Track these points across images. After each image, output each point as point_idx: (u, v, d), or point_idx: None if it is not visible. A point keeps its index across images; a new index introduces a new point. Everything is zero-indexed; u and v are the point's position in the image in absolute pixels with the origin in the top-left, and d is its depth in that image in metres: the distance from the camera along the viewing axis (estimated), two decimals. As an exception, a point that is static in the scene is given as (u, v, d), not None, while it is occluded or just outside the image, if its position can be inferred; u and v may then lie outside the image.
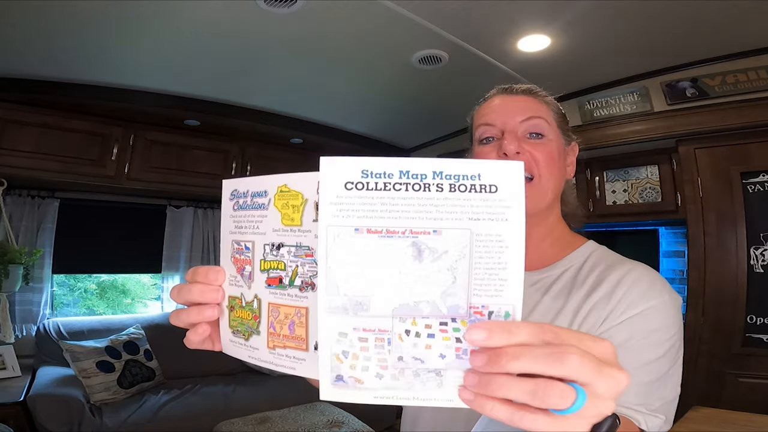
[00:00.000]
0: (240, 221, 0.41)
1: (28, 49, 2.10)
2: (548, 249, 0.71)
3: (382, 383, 0.33)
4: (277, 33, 1.98)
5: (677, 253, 2.72)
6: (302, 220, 0.37)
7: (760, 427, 1.36)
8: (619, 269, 0.63)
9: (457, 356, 0.32)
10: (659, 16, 1.81)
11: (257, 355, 0.40)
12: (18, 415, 2.07)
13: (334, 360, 0.33)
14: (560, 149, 0.70)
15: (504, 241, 0.31)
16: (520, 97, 0.71)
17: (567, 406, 0.28)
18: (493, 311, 0.31)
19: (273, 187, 0.39)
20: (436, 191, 0.31)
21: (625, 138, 2.47)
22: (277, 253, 0.38)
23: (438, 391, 0.32)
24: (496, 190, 0.31)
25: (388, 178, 0.32)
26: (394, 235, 0.32)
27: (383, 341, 0.32)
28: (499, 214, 0.31)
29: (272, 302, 0.39)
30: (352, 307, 0.33)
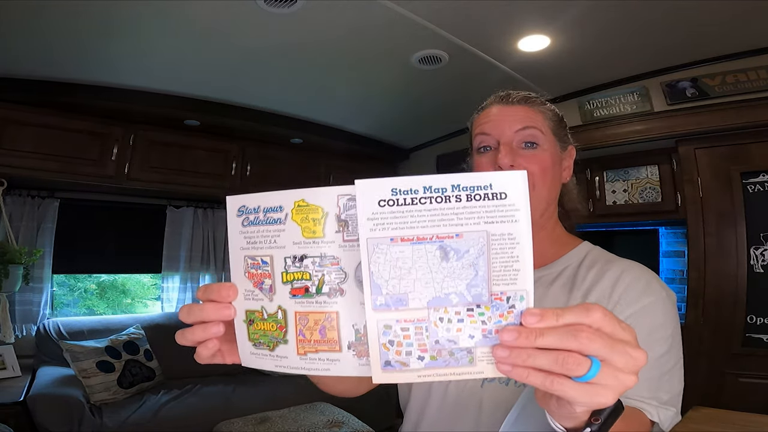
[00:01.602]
0: (252, 237, 0.43)
1: (28, 49, 2.10)
2: (548, 249, 0.74)
3: (423, 364, 0.39)
4: (277, 33, 1.98)
5: (677, 253, 2.72)
6: (324, 232, 0.40)
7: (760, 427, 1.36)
8: (616, 267, 0.67)
9: (483, 336, 0.38)
10: (659, 16, 1.81)
11: (286, 363, 0.43)
12: (18, 415, 2.07)
13: (381, 349, 0.39)
14: (555, 157, 0.72)
15: (515, 238, 0.37)
16: (516, 107, 0.72)
17: (583, 373, 0.34)
18: (510, 296, 0.37)
19: (289, 202, 0.41)
20: (455, 201, 0.37)
21: (625, 138, 2.47)
22: (300, 265, 0.41)
23: (470, 366, 0.38)
24: (506, 196, 0.37)
25: (414, 194, 0.38)
26: (423, 241, 0.38)
27: (421, 329, 0.38)
28: (510, 216, 0.37)
29: (299, 311, 0.42)
30: (393, 303, 0.38)
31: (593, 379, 0.34)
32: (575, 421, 0.40)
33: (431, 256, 0.38)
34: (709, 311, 2.18)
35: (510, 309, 0.37)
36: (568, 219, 0.81)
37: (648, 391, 0.57)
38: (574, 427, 0.41)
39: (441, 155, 3.48)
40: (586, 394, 0.35)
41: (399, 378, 0.39)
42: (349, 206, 0.40)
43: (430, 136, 3.53)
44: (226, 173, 3.12)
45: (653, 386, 0.58)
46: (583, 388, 0.34)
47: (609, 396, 0.35)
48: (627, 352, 0.35)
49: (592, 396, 0.35)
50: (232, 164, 3.13)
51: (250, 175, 3.19)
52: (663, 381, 0.59)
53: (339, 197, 0.40)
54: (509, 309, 0.37)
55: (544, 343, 0.35)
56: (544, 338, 0.35)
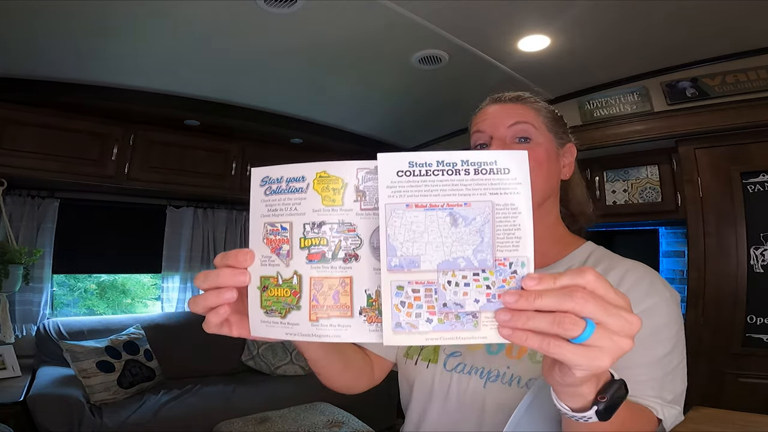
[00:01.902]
0: (273, 205, 0.46)
1: (28, 49, 2.10)
2: (550, 248, 0.74)
3: (431, 326, 0.41)
4: (277, 33, 1.98)
5: (677, 253, 2.72)
6: (343, 201, 0.43)
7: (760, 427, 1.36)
8: (620, 268, 0.67)
9: (487, 300, 0.40)
10: (659, 16, 1.81)
11: (296, 330, 0.45)
12: (18, 415, 2.08)
13: (394, 310, 0.41)
14: (550, 153, 0.73)
15: (517, 208, 0.40)
16: (509, 105, 0.75)
17: (578, 333, 0.35)
18: (512, 262, 0.40)
19: (311, 173, 0.44)
20: (464, 174, 0.41)
21: (625, 138, 2.47)
22: (319, 231, 0.44)
23: (474, 330, 0.40)
24: (509, 171, 0.41)
25: (429, 166, 0.42)
26: (435, 208, 0.41)
27: (431, 291, 0.41)
28: (513, 189, 0.41)
29: (314, 276, 0.44)
30: (406, 264, 0.41)
31: (588, 341, 0.35)
32: (582, 400, 0.42)
33: (442, 222, 0.41)
34: (709, 311, 2.18)
35: (512, 274, 0.40)
36: (576, 222, 0.81)
37: (652, 390, 0.58)
38: (582, 407, 0.42)
39: (441, 155, 3.48)
40: (583, 357, 0.36)
41: (408, 340, 0.41)
42: (367, 179, 0.43)
43: (430, 136, 3.53)
44: (226, 173, 3.12)
45: (657, 386, 0.59)
46: (580, 350, 0.36)
47: (605, 359, 0.36)
48: (621, 315, 0.36)
49: (590, 359, 0.36)
50: (232, 164, 3.14)
51: (249, 175, 3.18)
52: (667, 381, 0.60)
53: (358, 170, 0.43)
54: (512, 274, 0.40)
55: (542, 304, 0.36)
56: (543, 299, 0.36)
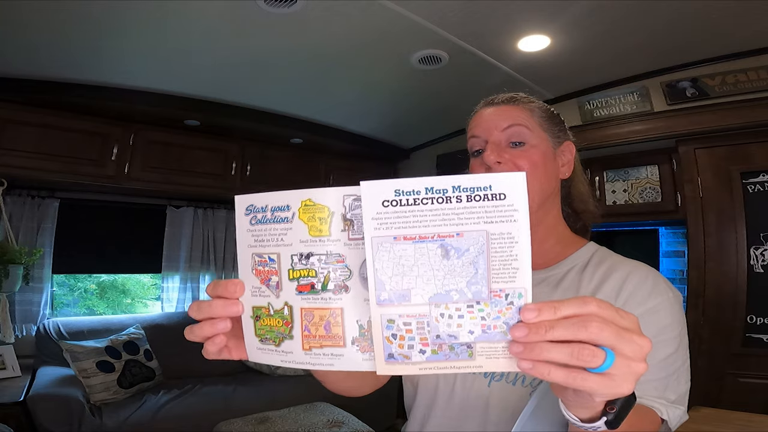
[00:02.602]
0: (260, 235, 0.44)
1: (28, 50, 2.10)
2: (552, 249, 0.74)
3: (425, 357, 0.40)
4: (277, 33, 1.98)
5: (677, 253, 2.72)
6: (330, 231, 0.42)
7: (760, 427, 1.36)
8: (623, 268, 0.67)
9: (482, 331, 0.39)
10: (659, 16, 1.81)
11: (291, 358, 0.44)
12: (18, 415, 2.07)
13: (385, 342, 0.40)
14: (546, 153, 0.72)
15: (514, 237, 0.38)
16: (502, 107, 0.74)
17: (599, 364, 0.34)
18: (509, 293, 0.38)
19: (296, 202, 0.42)
20: (456, 202, 0.38)
21: (625, 138, 2.47)
22: (307, 262, 0.43)
23: (469, 360, 0.39)
24: (505, 197, 0.38)
25: (417, 195, 0.39)
26: (425, 239, 0.39)
27: (423, 324, 0.40)
28: (508, 216, 0.38)
29: (305, 307, 0.43)
30: (396, 298, 0.40)
31: (609, 370, 0.35)
32: (591, 412, 0.41)
33: (433, 254, 0.39)
34: (709, 311, 2.18)
35: (509, 305, 0.38)
36: (579, 219, 0.81)
37: (656, 390, 0.58)
38: (590, 418, 0.42)
39: (441, 155, 3.48)
40: (606, 386, 0.35)
41: (401, 370, 0.41)
42: (355, 206, 0.41)
43: (430, 136, 3.53)
44: (226, 173, 3.12)
45: (661, 386, 0.59)
46: (602, 379, 0.35)
47: (626, 385, 0.36)
48: (633, 340, 0.36)
49: (612, 387, 0.35)
50: (232, 164, 3.13)
51: (250, 175, 3.19)
52: (671, 381, 0.60)
53: (345, 197, 0.41)
54: (508, 305, 0.38)
55: (555, 335, 0.35)
56: (555, 330, 0.35)
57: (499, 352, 0.39)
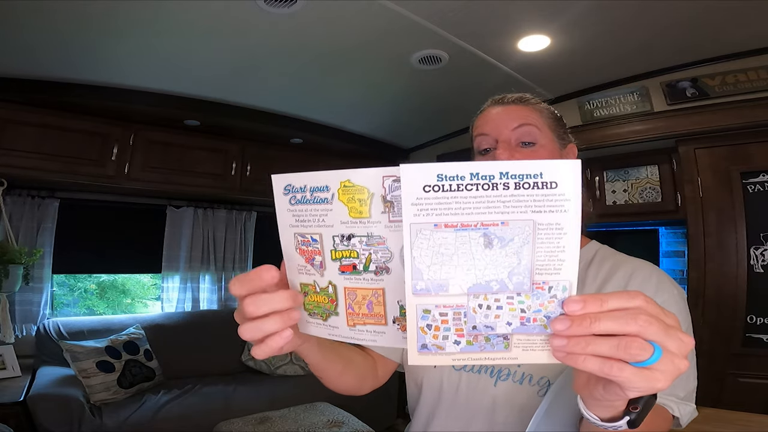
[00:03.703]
0: (300, 215, 0.44)
1: (28, 49, 2.10)
2: None
3: (459, 348, 0.39)
4: (277, 33, 1.98)
5: (677, 253, 2.72)
6: (371, 212, 0.41)
7: (760, 427, 1.36)
8: (626, 265, 0.67)
9: (521, 323, 0.38)
10: (659, 16, 1.81)
11: (337, 332, 0.46)
12: (18, 415, 2.07)
13: (419, 332, 0.40)
14: (554, 154, 0.73)
15: (563, 228, 0.36)
16: (511, 106, 0.74)
17: (646, 358, 0.34)
18: (552, 286, 0.37)
19: (335, 182, 0.41)
20: (503, 189, 0.36)
21: (625, 138, 2.47)
22: (348, 243, 0.42)
23: (505, 352, 0.39)
24: (557, 186, 0.35)
25: (461, 180, 0.36)
26: (467, 228, 0.37)
27: (460, 314, 0.39)
28: (559, 206, 0.36)
29: (348, 286, 0.44)
30: (434, 288, 0.38)
31: (654, 364, 0.34)
32: (613, 411, 0.40)
33: (474, 243, 0.37)
34: (709, 311, 2.18)
35: (551, 299, 0.37)
36: None
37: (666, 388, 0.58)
38: (611, 417, 0.41)
39: (441, 155, 3.48)
40: (644, 379, 0.35)
41: (434, 360, 0.40)
42: (395, 187, 0.40)
43: (430, 136, 3.53)
44: (226, 173, 3.12)
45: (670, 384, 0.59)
46: (642, 373, 0.34)
47: (664, 381, 0.35)
48: (678, 337, 0.35)
49: (650, 381, 0.35)
50: (232, 164, 3.13)
51: (250, 175, 3.19)
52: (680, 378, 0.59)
53: (384, 178, 0.40)
54: (550, 299, 0.37)
55: (601, 328, 0.34)
56: (601, 323, 0.34)
57: (537, 345, 0.38)
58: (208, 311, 3.32)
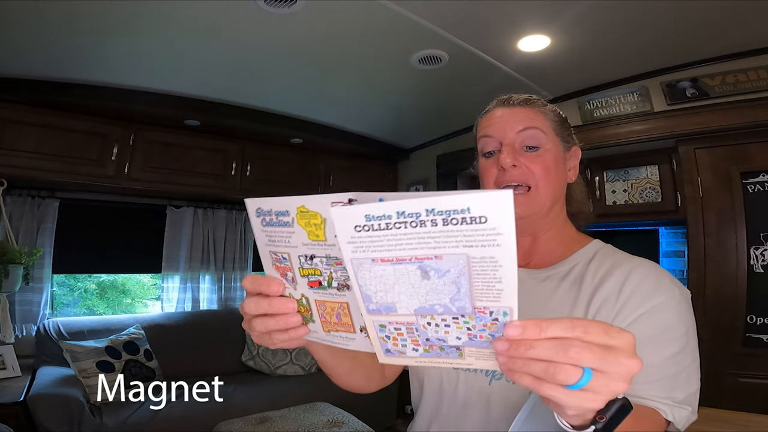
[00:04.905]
0: (271, 235, 0.47)
1: (28, 49, 2.10)
2: (555, 249, 0.75)
3: (418, 354, 0.43)
4: (277, 33, 1.98)
5: (677, 253, 2.72)
6: (325, 236, 0.43)
7: (760, 427, 1.36)
8: (625, 266, 0.66)
9: (469, 339, 0.40)
10: (659, 16, 1.81)
11: (316, 336, 0.51)
12: (18, 415, 2.07)
13: (381, 341, 0.44)
14: (558, 157, 0.73)
15: (497, 261, 0.35)
16: (517, 108, 0.74)
17: (574, 382, 0.35)
18: (493, 311, 0.38)
19: (293, 208, 0.44)
20: (431, 226, 0.35)
21: (625, 138, 2.47)
22: (311, 263, 0.46)
23: (460, 359, 0.42)
24: (486, 220, 0.34)
25: (388, 219, 0.36)
26: (403, 261, 0.38)
27: (412, 329, 0.42)
28: (491, 240, 0.34)
29: (317, 299, 0.48)
30: (384, 309, 0.42)
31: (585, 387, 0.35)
32: (580, 419, 0.41)
33: (412, 275, 0.38)
34: (709, 311, 2.17)
35: (493, 321, 0.38)
36: (574, 220, 0.82)
37: (661, 390, 0.57)
38: (581, 425, 0.42)
39: (441, 155, 3.48)
40: (575, 400, 0.36)
41: (400, 361, 0.45)
42: None
43: (430, 136, 3.53)
44: (226, 173, 3.12)
45: (667, 386, 0.58)
46: (573, 394, 0.36)
47: (598, 401, 0.36)
48: (619, 362, 0.35)
49: (582, 401, 0.36)
50: (232, 164, 3.13)
51: (250, 175, 3.19)
52: (679, 380, 0.59)
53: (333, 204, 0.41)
54: (492, 321, 0.38)
55: (535, 354, 0.36)
56: (535, 350, 0.36)
57: (487, 355, 0.40)
58: (208, 311, 3.32)
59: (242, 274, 3.56)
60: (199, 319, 3.16)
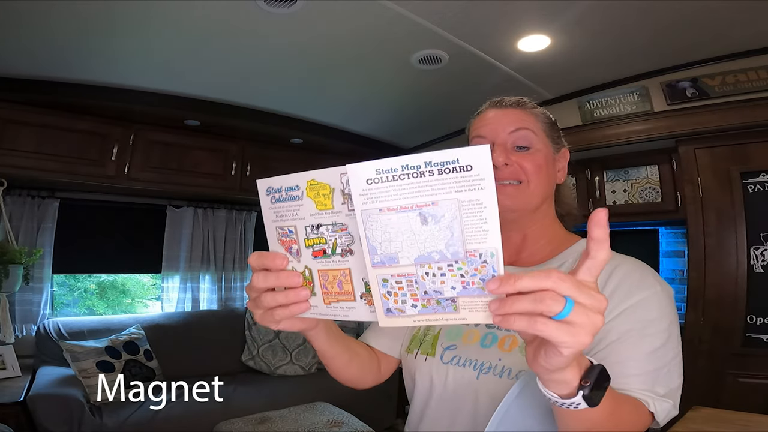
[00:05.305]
0: (279, 211, 0.52)
1: (28, 49, 2.10)
2: (544, 247, 0.77)
3: (417, 311, 0.47)
4: (277, 33, 1.98)
5: (677, 253, 2.72)
6: (333, 204, 0.48)
7: (760, 427, 1.36)
8: (611, 263, 0.68)
9: (463, 287, 0.44)
10: (659, 16, 1.81)
11: (317, 311, 0.53)
12: (18, 415, 2.07)
13: (383, 299, 0.47)
14: (548, 157, 0.76)
15: (482, 203, 0.41)
16: (509, 110, 0.77)
17: (560, 309, 0.38)
18: (482, 253, 0.43)
19: (303, 182, 0.49)
20: (429, 176, 0.42)
21: (625, 138, 2.47)
22: (318, 232, 0.50)
23: (455, 313, 0.45)
24: (471, 168, 0.41)
25: (395, 172, 0.43)
26: (405, 209, 0.44)
27: (412, 282, 0.46)
28: (476, 185, 0.41)
29: (320, 269, 0.51)
30: (387, 261, 0.46)
31: (568, 317, 0.38)
32: (567, 387, 0.44)
33: (413, 222, 0.44)
34: (709, 311, 2.18)
35: (483, 264, 0.43)
36: (563, 222, 0.84)
37: (644, 384, 0.59)
38: (568, 394, 0.45)
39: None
40: (567, 333, 0.39)
41: (399, 322, 0.48)
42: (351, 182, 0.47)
43: (430, 136, 3.53)
44: (226, 173, 3.12)
45: (649, 380, 0.59)
46: (563, 326, 0.39)
47: (586, 335, 0.39)
48: (591, 294, 0.40)
49: (573, 335, 0.39)
50: (232, 164, 3.13)
51: (250, 175, 3.19)
52: (660, 375, 0.60)
53: (341, 175, 0.47)
54: (482, 264, 0.43)
55: (522, 285, 0.39)
56: (522, 281, 0.40)
57: (479, 306, 0.44)
58: (208, 311, 3.33)
59: (242, 274, 3.56)
60: (199, 319, 3.16)
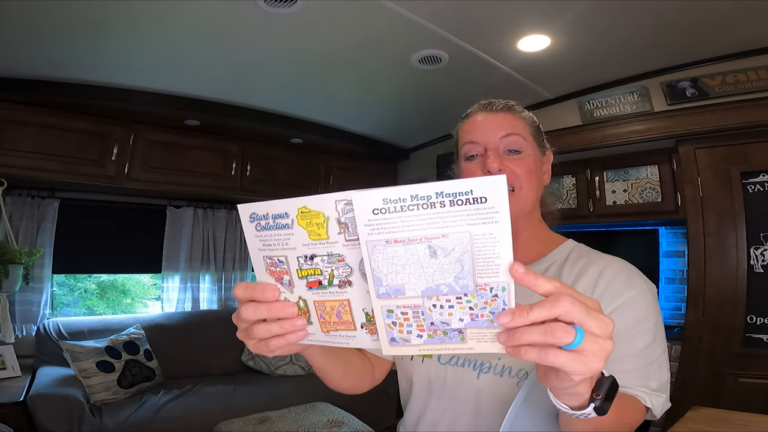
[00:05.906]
0: (267, 240, 0.48)
1: (28, 49, 2.10)
2: (534, 247, 0.79)
3: (422, 341, 0.45)
4: (277, 33, 1.98)
5: (677, 253, 2.72)
6: (328, 235, 0.45)
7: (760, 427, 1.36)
8: (599, 263, 0.70)
9: (471, 319, 0.43)
10: (659, 16, 1.81)
11: (315, 338, 0.51)
12: (18, 415, 2.07)
13: (387, 328, 0.46)
14: (536, 161, 0.78)
15: (495, 237, 0.40)
16: (499, 114, 0.78)
17: (570, 340, 0.38)
18: (493, 287, 0.41)
19: (293, 209, 0.45)
20: (440, 207, 0.40)
21: (625, 138, 2.47)
22: (312, 263, 0.47)
23: (462, 343, 0.44)
24: (486, 200, 0.39)
25: (403, 202, 0.41)
26: (414, 242, 0.42)
27: (418, 313, 0.44)
28: (490, 218, 0.40)
29: (316, 300, 0.49)
30: (393, 292, 0.44)
31: (580, 346, 0.38)
32: (579, 399, 0.44)
33: (422, 255, 0.42)
34: (709, 311, 2.18)
35: (494, 297, 0.41)
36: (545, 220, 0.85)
37: (638, 380, 0.61)
38: (580, 405, 0.44)
39: (441, 155, 3.48)
40: (579, 362, 0.38)
41: (403, 351, 0.46)
42: (347, 210, 0.44)
43: (430, 136, 3.53)
44: (226, 173, 3.12)
45: (642, 375, 0.62)
46: (573, 355, 0.38)
47: (596, 361, 0.39)
48: (599, 318, 0.39)
49: (583, 362, 0.38)
50: (232, 164, 3.13)
51: (250, 175, 3.19)
52: (651, 370, 0.63)
53: (336, 203, 0.44)
54: (493, 297, 0.41)
55: (534, 317, 0.39)
56: (533, 314, 0.39)
57: (487, 337, 0.43)
58: (208, 311, 3.32)
59: (242, 274, 3.56)
60: (199, 319, 3.16)
